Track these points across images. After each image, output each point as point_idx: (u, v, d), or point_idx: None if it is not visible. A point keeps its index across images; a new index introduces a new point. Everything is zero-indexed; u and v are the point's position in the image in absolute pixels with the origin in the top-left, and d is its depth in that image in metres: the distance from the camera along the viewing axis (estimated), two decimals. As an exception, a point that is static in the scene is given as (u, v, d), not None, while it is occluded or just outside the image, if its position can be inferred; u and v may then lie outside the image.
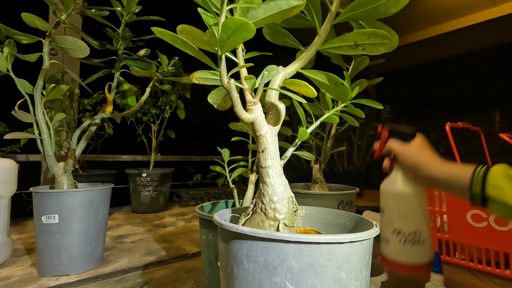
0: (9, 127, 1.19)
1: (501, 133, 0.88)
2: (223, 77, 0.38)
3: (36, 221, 0.75)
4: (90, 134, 0.88)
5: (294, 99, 0.41)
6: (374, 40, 0.36)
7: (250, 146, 0.75)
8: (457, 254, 0.87)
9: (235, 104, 0.39)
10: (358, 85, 0.55)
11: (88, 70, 1.15)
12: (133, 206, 1.62)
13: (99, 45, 0.81)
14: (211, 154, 2.17)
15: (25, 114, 0.79)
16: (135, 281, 0.74)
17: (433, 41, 2.58)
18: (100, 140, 1.64)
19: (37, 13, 0.69)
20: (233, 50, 0.42)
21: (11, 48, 0.75)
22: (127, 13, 0.83)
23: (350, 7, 0.36)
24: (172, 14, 1.85)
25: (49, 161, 0.80)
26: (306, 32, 0.48)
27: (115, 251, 0.96)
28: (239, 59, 0.42)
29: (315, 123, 0.57)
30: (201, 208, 0.65)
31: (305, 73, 0.45)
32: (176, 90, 1.57)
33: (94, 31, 0.92)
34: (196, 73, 0.48)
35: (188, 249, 0.99)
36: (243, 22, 0.30)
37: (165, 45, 0.46)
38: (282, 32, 0.47)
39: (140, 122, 1.64)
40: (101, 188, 0.82)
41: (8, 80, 0.77)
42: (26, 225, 1.29)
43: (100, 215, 0.82)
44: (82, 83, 0.85)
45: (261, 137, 0.40)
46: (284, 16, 0.34)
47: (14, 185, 0.88)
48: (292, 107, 1.21)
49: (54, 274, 0.75)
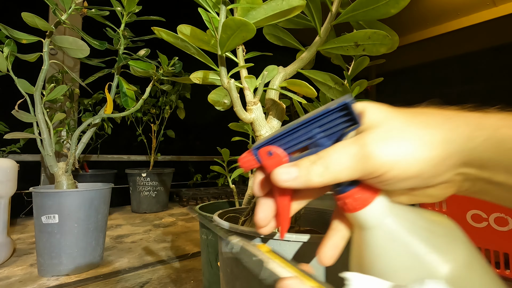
0: (9, 127, 1.19)
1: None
2: (223, 77, 0.38)
3: (36, 221, 0.75)
4: (90, 134, 0.88)
5: (294, 99, 0.41)
6: (374, 40, 0.36)
7: (250, 146, 0.75)
8: (457, 254, 0.87)
9: (235, 104, 0.39)
10: (358, 85, 0.55)
11: (88, 70, 1.15)
12: (133, 206, 1.62)
13: (99, 45, 0.81)
14: (211, 154, 2.17)
15: (25, 114, 0.79)
16: (135, 281, 0.74)
17: (433, 41, 2.58)
18: (100, 140, 1.64)
19: (37, 13, 0.69)
20: (233, 50, 0.42)
21: (11, 48, 0.75)
22: (127, 13, 0.83)
23: (351, 7, 0.36)
24: (172, 14, 1.85)
25: (49, 161, 0.80)
26: (306, 32, 0.48)
27: (115, 251, 0.96)
28: (239, 59, 0.42)
29: (315, 123, 0.57)
30: (201, 208, 0.65)
31: (305, 73, 0.45)
32: (176, 90, 1.57)
33: (94, 31, 0.92)
34: (196, 73, 0.48)
35: (188, 249, 0.99)
36: (243, 22, 0.30)
37: (165, 45, 0.46)
38: (282, 32, 0.47)
39: (140, 122, 1.64)
40: (101, 188, 0.82)
41: (8, 80, 0.77)
42: (26, 225, 1.29)
43: (100, 215, 0.82)
44: (82, 83, 0.85)
45: (261, 137, 0.40)
46: (285, 16, 0.34)
47: (14, 185, 0.88)
48: (292, 107, 1.21)
49: (54, 274, 0.75)
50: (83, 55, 0.77)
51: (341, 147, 0.20)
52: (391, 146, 0.19)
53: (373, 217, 0.21)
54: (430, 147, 0.19)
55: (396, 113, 0.21)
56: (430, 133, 0.20)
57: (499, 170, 0.19)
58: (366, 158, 0.19)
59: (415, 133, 0.20)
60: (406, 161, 0.19)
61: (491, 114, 0.20)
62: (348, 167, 0.20)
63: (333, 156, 0.20)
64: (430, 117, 0.20)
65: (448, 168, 0.20)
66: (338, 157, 0.20)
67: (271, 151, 0.22)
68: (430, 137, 0.20)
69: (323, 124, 0.21)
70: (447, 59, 2.50)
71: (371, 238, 0.21)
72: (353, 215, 0.21)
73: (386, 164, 0.19)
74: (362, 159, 0.20)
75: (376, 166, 0.19)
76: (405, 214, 0.21)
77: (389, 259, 0.20)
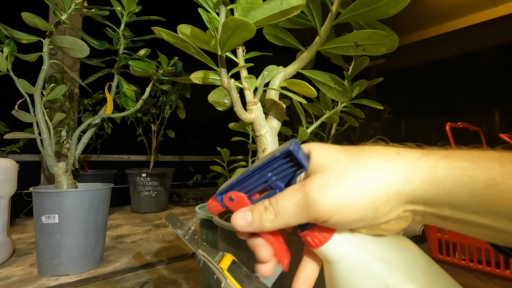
0: (9, 127, 1.19)
1: (501, 133, 0.88)
2: (223, 77, 0.38)
3: (36, 221, 0.75)
4: (90, 134, 0.88)
5: (294, 99, 0.41)
6: (374, 40, 0.36)
7: (250, 146, 0.75)
8: (457, 254, 0.87)
9: (235, 104, 0.39)
10: (358, 86, 0.55)
11: (88, 70, 1.15)
12: (133, 206, 1.62)
13: (99, 45, 0.81)
14: (211, 154, 2.17)
15: (25, 114, 0.79)
16: (135, 281, 0.74)
17: (433, 41, 2.58)
18: (100, 140, 1.64)
19: (37, 13, 0.69)
20: (233, 50, 0.42)
21: (11, 48, 0.75)
22: (127, 13, 0.83)
23: (351, 7, 0.36)
24: (172, 14, 1.85)
25: (49, 161, 0.80)
26: (306, 32, 0.48)
27: (115, 251, 0.96)
28: (239, 59, 0.42)
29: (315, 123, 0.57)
30: (201, 208, 0.65)
31: (305, 73, 0.45)
32: (176, 90, 1.56)
33: (94, 31, 0.92)
34: (196, 73, 0.48)
35: (188, 249, 0.99)
36: (243, 22, 0.30)
37: (165, 45, 0.46)
38: (282, 32, 0.47)
39: (140, 122, 1.64)
40: (101, 188, 0.82)
41: (8, 80, 0.77)
42: (26, 225, 1.29)
43: (100, 215, 0.82)
44: (82, 83, 0.85)
45: (261, 137, 0.40)
46: (285, 16, 0.34)
47: (14, 185, 0.88)
48: (292, 107, 1.21)
49: (54, 274, 0.75)
50: (83, 55, 0.77)
51: (288, 194, 0.21)
52: (332, 193, 0.20)
53: (334, 252, 0.22)
54: (369, 191, 0.20)
55: (340, 155, 0.22)
56: (370, 177, 0.20)
57: (443, 207, 0.20)
58: (309, 206, 0.20)
59: (356, 178, 0.20)
60: (347, 207, 0.20)
61: (431, 154, 0.20)
62: (295, 214, 0.21)
63: (281, 204, 0.21)
64: (371, 159, 0.21)
65: (392, 209, 0.20)
66: (285, 205, 0.21)
67: (232, 196, 0.24)
68: (369, 182, 0.20)
69: (274, 168, 0.22)
70: (447, 59, 2.50)
71: (337, 271, 0.22)
72: (316, 250, 0.22)
73: (328, 211, 0.20)
74: (305, 207, 0.20)
75: (320, 214, 0.20)
76: (367, 243, 0.22)
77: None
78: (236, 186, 0.23)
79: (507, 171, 0.18)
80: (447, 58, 2.50)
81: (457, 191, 0.19)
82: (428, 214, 0.21)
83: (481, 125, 1.13)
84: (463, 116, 2.31)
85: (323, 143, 0.23)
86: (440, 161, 0.20)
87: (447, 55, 2.50)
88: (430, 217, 0.21)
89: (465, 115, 2.34)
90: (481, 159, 0.19)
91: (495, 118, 2.21)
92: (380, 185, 0.20)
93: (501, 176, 0.18)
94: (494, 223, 0.19)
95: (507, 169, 0.19)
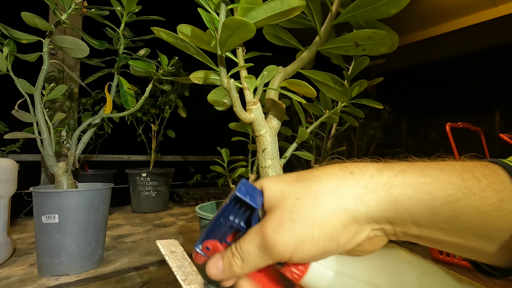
0: (9, 127, 1.19)
1: (501, 133, 0.88)
2: (223, 77, 0.38)
3: (36, 221, 0.75)
4: (90, 134, 0.88)
5: (294, 99, 0.41)
6: (374, 40, 0.36)
7: (250, 146, 0.75)
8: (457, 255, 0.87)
9: (235, 104, 0.39)
10: (358, 85, 0.55)
11: (88, 70, 1.15)
12: (133, 206, 1.62)
13: (99, 45, 0.81)
14: (211, 154, 2.17)
15: (25, 114, 0.79)
16: (135, 281, 0.74)
17: (433, 41, 2.58)
18: (100, 140, 1.64)
19: (37, 13, 0.69)
20: (233, 50, 0.42)
21: (11, 48, 0.75)
22: (127, 13, 0.83)
23: (351, 7, 0.36)
24: (172, 14, 1.85)
25: (49, 161, 0.80)
26: (306, 32, 0.48)
27: (115, 251, 0.96)
28: (239, 59, 0.42)
29: (315, 123, 0.57)
30: (201, 208, 0.65)
31: (305, 73, 0.45)
32: (175, 89, 1.56)
33: (94, 31, 0.92)
34: (196, 73, 0.48)
35: (188, 249, 0.99)
36: (243, 22, 0.30)
37: (165, 45, 0.46)
38: (282, 32, 0.47)
39: (140, 122, 1.64)
40: (101, 188, 0.82)
41: (8, 80, 0.77)
42: (26, 225, 1.29)
43: (100, 215, 0.82)
44: (82, 83, 0.85)
45: (260, 137, 0.40)
46: (285, 17, 0.34)
47: (14, 185, 0.88)
48: (292, 107, 1.21)
49: (54, 274, 0.75)
50: (83, 55, 0.77)
51: (250, 238, 0.21)
52: (286, 232, 0.19)
53: (317, 281, 0.21)
54: (323, 223, 0.19)
55: (291, 186, 0.21)
56: (321, 207, 0.19)
57: (408, 225, 0.19)
58: (269, 249, 0.20)
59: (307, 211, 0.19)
60: (305, 243, 0.19)
61: (386, 170, 0.19)
62: (259, 257, 0.20)
63: (244, 249, 0.21)
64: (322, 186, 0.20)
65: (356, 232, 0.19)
66: (248, 250, 0.21)
67: (208, 246, 0.24)
68: (321, 213, 0.19)
69: (234, 213, 0.22)
70: (447, 59, 2.50)
71: None
72: (299, 283, 0.22)
73: (287, 251, 0.19)
74: (266, 250, 0.20)
75: (280, 254, 0.19)
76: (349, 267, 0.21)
77: None
78: (209, 234, 0.23)
79: (467, 186, 0.17)
80: (447, 58, 2.50)
81: (417, 209, 0.18)
82: (399, 232, 0.20)
83: (481, 125, 1.13)
84: (463, 116, 2.31)
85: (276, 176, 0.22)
86: (395, 178, 0.19)
87: (447, 55, 2.50)
88: (402, 235, 0.20)
89: (465, 115, 2.33)
90: (441, 173, 0.18)
91: (495, 118, 2.21)
92: (333, 213, 0.19)
93: (461, 191, 0.17)
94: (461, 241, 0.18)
95: (468, 183, 0.18)
